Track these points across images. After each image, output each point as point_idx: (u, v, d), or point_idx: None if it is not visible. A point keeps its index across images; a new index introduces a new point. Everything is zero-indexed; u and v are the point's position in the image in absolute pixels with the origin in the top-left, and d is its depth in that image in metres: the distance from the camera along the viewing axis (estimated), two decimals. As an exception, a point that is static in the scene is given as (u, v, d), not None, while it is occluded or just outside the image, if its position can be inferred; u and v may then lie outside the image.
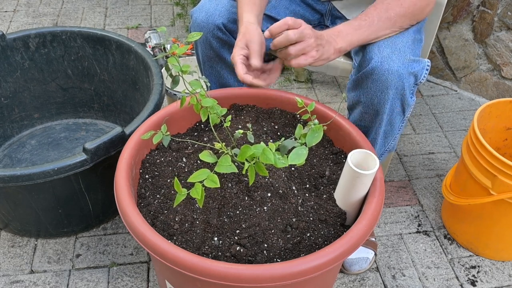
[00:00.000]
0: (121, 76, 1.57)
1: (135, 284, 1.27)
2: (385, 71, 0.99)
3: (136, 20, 2.34)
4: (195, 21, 1.14)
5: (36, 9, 2.40)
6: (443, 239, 1.42)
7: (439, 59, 1.97)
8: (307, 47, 0.95)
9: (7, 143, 1.60)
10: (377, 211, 0.90)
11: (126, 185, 0.92)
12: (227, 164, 0.78)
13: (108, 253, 1.34)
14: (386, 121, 1.08)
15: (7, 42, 1.48)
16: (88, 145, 1.13)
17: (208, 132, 1.12)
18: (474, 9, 1.79)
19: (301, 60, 0.97)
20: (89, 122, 1.71)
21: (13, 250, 1.35)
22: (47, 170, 1.11)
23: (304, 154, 0.78)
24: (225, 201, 0.91)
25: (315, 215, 0.94)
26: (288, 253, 0.89)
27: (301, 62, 0.97)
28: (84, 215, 1.33)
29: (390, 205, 1.51)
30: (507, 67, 1.79)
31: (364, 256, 1.31)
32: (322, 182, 1.02)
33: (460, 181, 1.32)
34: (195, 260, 0.79)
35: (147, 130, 1.03)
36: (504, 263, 1.36)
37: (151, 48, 1.89)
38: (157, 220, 0.93)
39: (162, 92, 1.31)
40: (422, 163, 1.65)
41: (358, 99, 1.07)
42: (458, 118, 1.84)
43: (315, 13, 1.30)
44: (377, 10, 1.02)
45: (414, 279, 1.31)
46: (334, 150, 1.09)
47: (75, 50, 1.56)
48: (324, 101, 1.91)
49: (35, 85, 1.59)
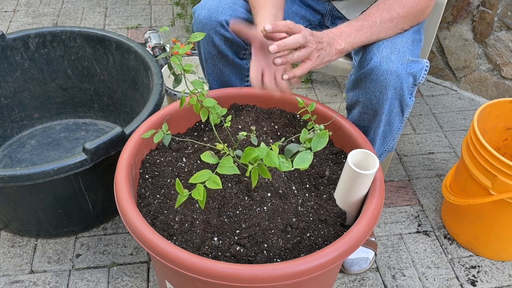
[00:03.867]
0: (121, 76, 1.57)
1: (135, 284, 1.27)
2: (384, 71, 0.99)
3: (136, 20, 2.34)
4: (197, 18, 1.14)
5: (36, 9, 2.40)
6: (443, 239, 1.42)
7: (439, 59, 1.98)
8: (310, 52, 0.94)
9: (7, 143, 1.60)
10: (377, 211, 0.90)
11: (126, 185, 0.92)
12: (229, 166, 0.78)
13: (108, 253, 1.34)
14: (385, 121, 1.08)
15: (7, 42, 1.48)
16: (88, 145, 1.13)
17: (208, 132, 1.12)
18: (474, 9, 1.79)
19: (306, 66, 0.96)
20: (89, 122, 1.71)
21: (13, 250, 1.35)
22: (47, 170, 1.11)
23: (309, 159, 0.78)
24: (225, 201, 0.91)
25: (315, 215, 0.94)
26: (288, 253, 0.89)
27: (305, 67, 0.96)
28: (84, 215, 1.33)
29: (390, 205, 1.51)
30: (507, 67, 1.79)
31: (364, 256, 1.31)
32: (322, 182, 1.02)
33: (460, 181, 1.33)
34: (195, 260, 0.79)
35: (147, 130, 1.03)
36: (504, 263, 1.36)
37: (151, 48, 1.88)
38: (157, 220, 0.93)
39: (162, 92, 1.31)
40: (422, 163, 1.65)
41: (357, 99, 1.07)
42: (458, 118, 1.84)
43: (316, 14, 1.30)
44: (379, 10, 1.02)
45: (414, 279, 1.31)
46: (334, 150, 1.10)
47: (75, 50, 1.56)
48: (324, 101, 1.91)
49: (35, 85, 1.59)
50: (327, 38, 0.97)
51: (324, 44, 0.96)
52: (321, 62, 0.98)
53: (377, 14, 1.01)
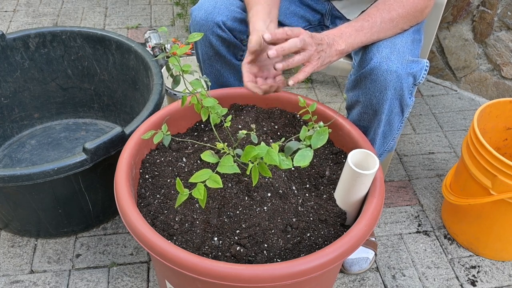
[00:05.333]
0: (121, 76, 1.57)
1: (135, 284, 1.27)
2: (384, 72, 0.99)
3: (136, 20, 2.34)
4: (195, 19, 1.14)
5: (36, 9, 2.40)
6: (443, 239, 1.42)
7: (439, 59, 1.97)
8: (310, 55, 0.94)
9: (7, 143, 1.60)
10: (377, 211, 0.90)
11: (126, 185, 0.92)
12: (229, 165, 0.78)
13: (108, 253, 1.34)
14: (385, 121, 1.08)
15: (7, 42, 1.48)
16: (88, 145, 1.13)
17: (208, 132, 1.12)
18: (474, 9, 1.79)
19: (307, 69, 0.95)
20: (89, 122, 1.71)
21: (13, 250, 1.35)
22: (47, 170, 1.11)
23: (309, 156, 0.78)
24: (225, 201, 0.91)
25: (315, 215, 0.94)
26: (288, 253, 0.89)
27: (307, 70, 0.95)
28: (84, 215, 1.33)
29: (390, 205, 1.51)
30: (507, 67, 1.79)
31: (364, 256, 1.31)
32: (322, 182, 1.02)
33: (460, 181, 1.33)
34: (195, 260, 0.79)
35: (147, 130, 1.03)
36: (504, 263, 1.36)
37: (151, 48, 1.89)
38: (157, 220, 0.93)
39: (162, 92, 1.31)
40: (422, 163, 1.65)
41: (357, 99, 1.07)
42: (458, 118, 1.84)
43: (315, 14, 1.30)
44: (379, 11, 1.02)
45: (414, 279, 1.31)
46: (334, 150, 1.10)
47: (75, 50, 1.56)
48: (324, 101, 1.91)
49: (35, 85, 1.59)
50: (327, 40, 0.97)
51: (324, 46, 0.96)
52: (322, 64, 0.98)
53: (377, 15, 1.01)
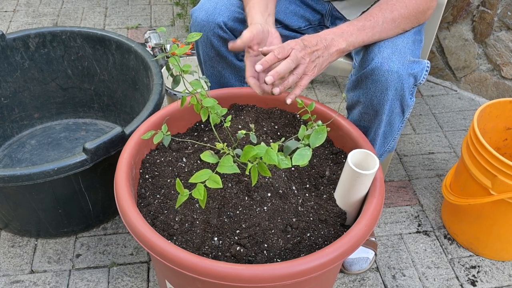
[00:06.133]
0: (121, 76, 1.57)
1: (135, 284, 1.27)
2: (385, 72, 0.99)
3: (136, 20, 2.34)
4: (195, 20, 1.14)
5: (36, 9, 2.40)
6: (443, 239, 1.42)
7: (439, 59, 1.97)
8: (304, 68, 0.93)
9: (7, 143, 1.60)
10: (377, 211, 0.90)
11: (126, 185, 0.92)
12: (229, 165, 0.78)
13: (108, 253, 1.34)
14: (386, 121, 1.08)
15: (7, 42, 1.48)
16: (88, 145, 1.13)
17: (208, 132, 1.12)
18: (474, 9, 1.79)
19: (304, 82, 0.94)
20: (89, 122, 1.71)
21: (13, 250, 1.35)
22: (47, 170, 1.11)
23: (308, 155, 0.78)
24: (225, 201, 0.91)
25: (315, 215, 0.94)
26: (288, 253, 0.89)
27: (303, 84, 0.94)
28: (84, 215, 1.33)
29: (390, 205, 1.51)
30: (507, 67, 1.79)
31: (364, 256, 1.31)
32: (322, 182, 1.02)
33: (460, 181, 1.33)
34: (195, 260, 0.79)
35: (147, 130, 1.03)
36: (504, 263, 1.36)
37: (151, 48, 1.88)
38: (157, 220, 0.93)
39: (162, 92, 1.31)
40: (422, 163, 1.65)
41: (358, 99, 1.07)
42: (458, 118, 1.84)
43: (316, 14, 1.30)
44: (381, 10, 1.01)
45: (414, 279, 1.31)
46: (334, 150, 1.10)
47: (75, 50, 1.56)
48: (324, 101, 1.91)
49: (35, 85, 1.59)
50: (324, 42, 0.95)
51: (320, 51, 0.95)
52: (320, 69, 0.96)
53: (380, 14, 1.01)
